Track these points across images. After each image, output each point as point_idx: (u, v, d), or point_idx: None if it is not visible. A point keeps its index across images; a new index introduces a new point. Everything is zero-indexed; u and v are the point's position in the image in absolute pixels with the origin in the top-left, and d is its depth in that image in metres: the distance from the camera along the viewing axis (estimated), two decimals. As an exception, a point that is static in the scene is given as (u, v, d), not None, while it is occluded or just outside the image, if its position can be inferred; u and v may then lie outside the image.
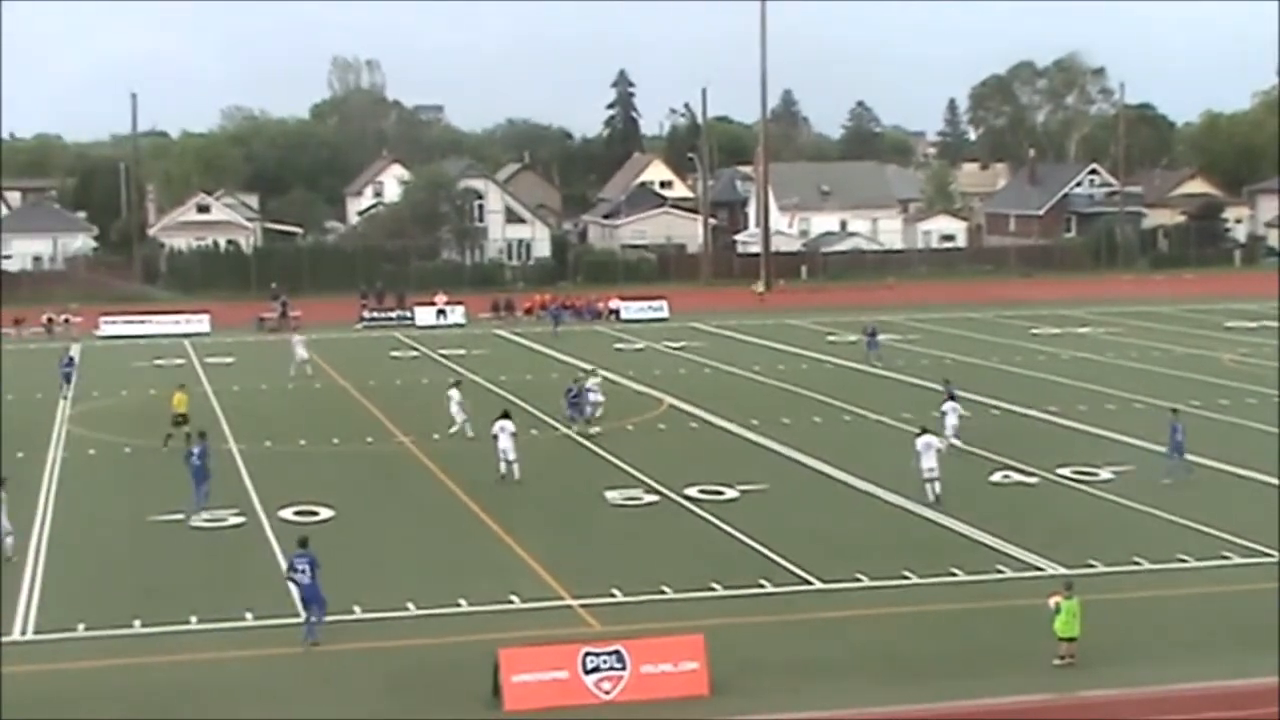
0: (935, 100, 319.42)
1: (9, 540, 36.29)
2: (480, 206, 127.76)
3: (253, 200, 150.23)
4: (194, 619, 31.29)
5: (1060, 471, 45.11)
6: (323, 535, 38.30)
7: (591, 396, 54.55)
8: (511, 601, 32.40)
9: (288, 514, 40.51)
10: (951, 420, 48.76)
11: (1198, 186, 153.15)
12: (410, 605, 32.05)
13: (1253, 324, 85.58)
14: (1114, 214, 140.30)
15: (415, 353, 78.33)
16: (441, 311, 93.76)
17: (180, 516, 40.04)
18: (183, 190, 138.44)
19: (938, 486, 41.48)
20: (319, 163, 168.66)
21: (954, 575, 34.32)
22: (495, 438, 44.94)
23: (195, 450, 41.53)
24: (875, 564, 34.96)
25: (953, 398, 50.52)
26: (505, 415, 45.65)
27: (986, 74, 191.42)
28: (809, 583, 33.81)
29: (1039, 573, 34.26)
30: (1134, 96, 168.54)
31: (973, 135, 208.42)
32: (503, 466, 44.75)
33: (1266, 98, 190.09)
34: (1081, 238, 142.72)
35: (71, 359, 66.03)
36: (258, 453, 49.39)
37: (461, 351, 77.47)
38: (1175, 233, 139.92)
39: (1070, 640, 28.03)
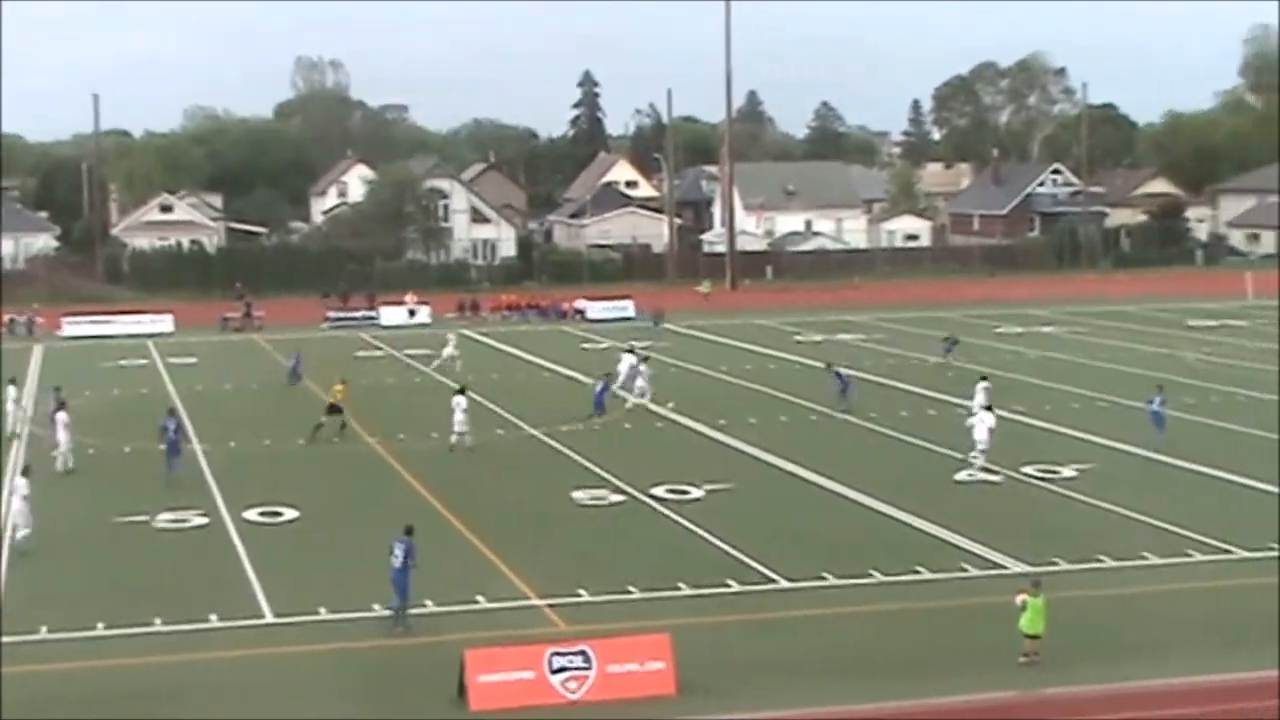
0: (899, 100, 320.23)
1: (25, 532, 37.01)
2: (445, 206, 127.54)
3: (216, 200, 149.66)
4: (159, 621, 31.17)
5: (1025, 470, 45.30)
6: (287, 536, 38.34)
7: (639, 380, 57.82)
8: (477, 602, 32.37)
9: (252, 515, 40.40)
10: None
11: (1160, 186, 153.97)
12: (376, 606, 31.94)
13: (1214, 323, 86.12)
14: (1077, 214, 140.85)
15: (380, 353, 78.16)
16: (412, 311, 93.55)
17: (145, 518, 39.91)
18: (145, 190, 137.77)
19: (982, 459, 45.36)
20: (283, 162, 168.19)
21: (919, 574, 34.42)
22: (452, 411, 49.53)
23: (170, 425, 45.46)
24: (841, 563, 35.05)
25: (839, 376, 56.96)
26: (461, 391, 50.77)
27: (950, 74, 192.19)
28: (775, 582, 33.86)
29: (1003, 571, 34.41)
30: (1096, 96, 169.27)
31: (936, 135, 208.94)
32: (454, 438, 49.22)
33: (1228, 98, 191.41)
34: (1045, 237, 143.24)
35: (298, 357, 67.13)
36: (222, 453, 49.20)
37: (427, 352, 77.21)
38: (1138, 232, 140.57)
39: (1035, 638, 28.13)
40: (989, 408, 48.09)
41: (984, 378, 55.53)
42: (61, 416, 47.34)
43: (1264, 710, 25.91)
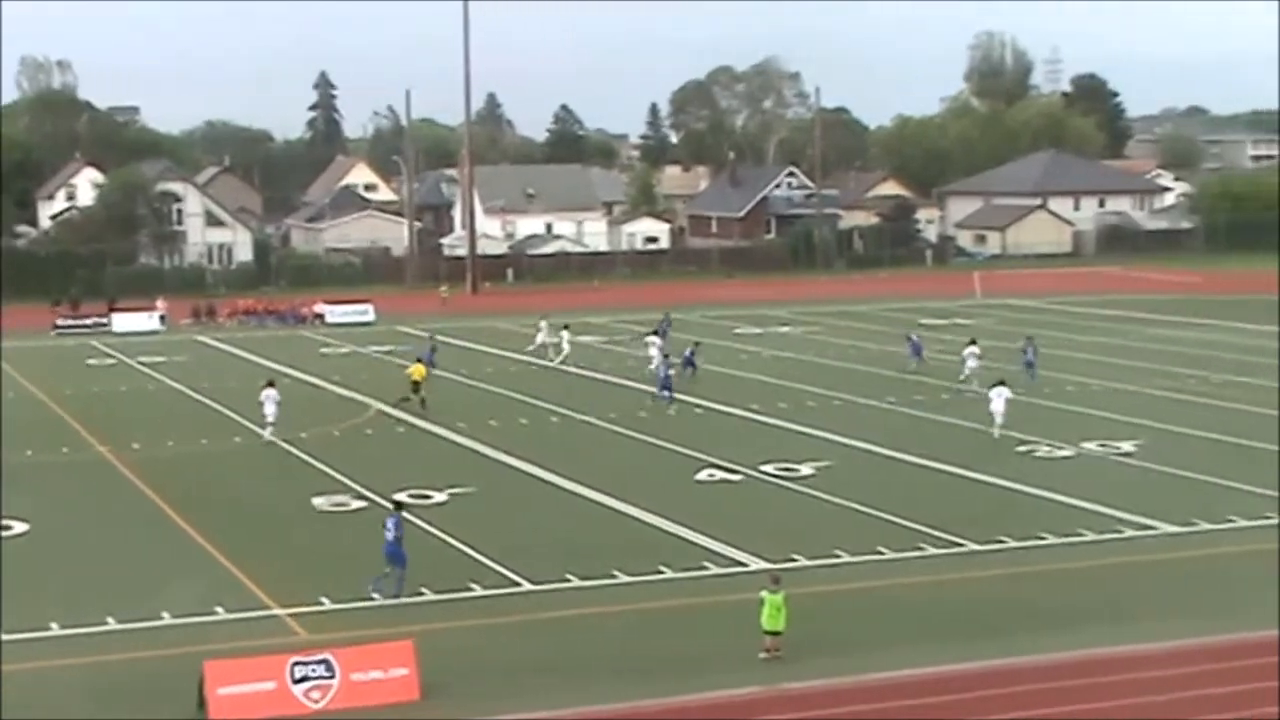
0: (637, 104, 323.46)
1: None
2: (179, 210, 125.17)
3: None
4: (-121, 641, 30.00)
5: (763, 468, 46.01)
6: (17, 550, 37.17)
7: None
8: (216, 613, 31.80)
9: (-21, 529, 39.11)
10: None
11: (890, 188, 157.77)
12: (110, 620, 31.20)
13: (944, 321, 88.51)
14: (811, 215, 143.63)
15: (113, 360, 76.27)
16: (163, 317, 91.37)
17: None
18: None
19: (996, 432, 49.95)
20: (9, 165, 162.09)
21: (662, 573, 34.73)
22: (262, 404, 51.17)
23: None
24: (584, 564, 35.21)
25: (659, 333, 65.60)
26: (270, 384, 52.55)
27: (686, 78, 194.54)
28: (519, 584, 33.89)
29: (744, 568, 34.91)
30: (829, 100, 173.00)
31: (674, 138, 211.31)
32: (268, 432, 50.85)
33: (954, 102, 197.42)
34: (781, 239, 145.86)
35: (434, 346, 70.89)
36: (-54, 466, 47.50)
37: (161, 358, 75.69)
38: (870, 233, 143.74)
39: (776, 634, 28.57)
40: (1002, 382, 51.98)
41: (973, 341, 63.80)
42: None
43: (999, 699, 26.72)
